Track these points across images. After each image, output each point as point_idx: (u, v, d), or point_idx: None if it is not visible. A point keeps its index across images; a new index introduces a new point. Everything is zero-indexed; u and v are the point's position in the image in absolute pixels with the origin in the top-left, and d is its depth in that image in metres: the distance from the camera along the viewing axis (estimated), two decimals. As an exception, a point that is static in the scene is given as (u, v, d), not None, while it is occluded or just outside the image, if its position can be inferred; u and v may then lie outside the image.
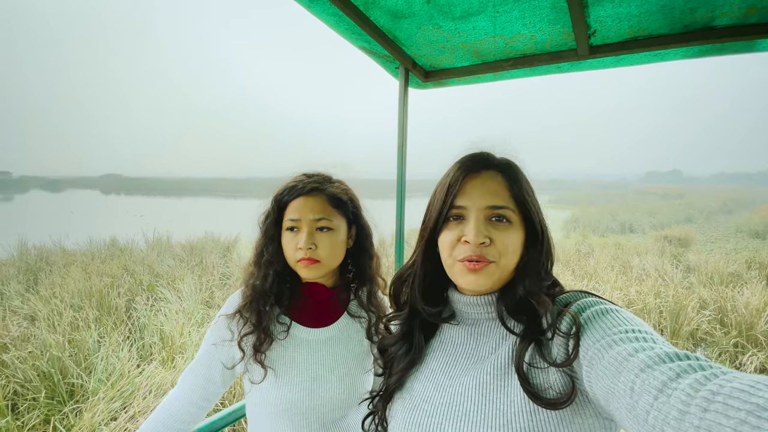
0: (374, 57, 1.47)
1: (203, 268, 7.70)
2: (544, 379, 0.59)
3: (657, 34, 1.20)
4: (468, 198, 0.67)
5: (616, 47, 1.27)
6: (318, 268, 0.93)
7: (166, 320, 4.66)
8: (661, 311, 5.48)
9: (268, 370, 0.91)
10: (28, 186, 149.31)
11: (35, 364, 3.56)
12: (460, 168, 0.70)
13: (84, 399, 3.37)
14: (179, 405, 0.93)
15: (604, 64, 1.38)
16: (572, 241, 12.09)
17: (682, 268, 8.04)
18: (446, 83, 1.67)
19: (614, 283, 6.64)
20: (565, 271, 7.71)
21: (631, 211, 23.64)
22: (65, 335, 4.16)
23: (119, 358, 3.77)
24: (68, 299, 5.40)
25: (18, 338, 4.16)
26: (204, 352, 0.96)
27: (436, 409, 0.66)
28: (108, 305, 5.32)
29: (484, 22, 1.19)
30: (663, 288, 6.17)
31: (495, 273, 0.66)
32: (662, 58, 1.32)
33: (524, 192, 0.68)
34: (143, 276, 6.65)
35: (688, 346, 5.06)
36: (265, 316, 0.93)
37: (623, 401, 0.45)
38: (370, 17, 1.19)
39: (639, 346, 0.48)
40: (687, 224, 17.93)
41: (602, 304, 0.59)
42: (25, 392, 3.40)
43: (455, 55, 1.45)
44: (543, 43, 1.30)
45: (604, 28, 1.19)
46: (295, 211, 0.93)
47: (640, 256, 9.38)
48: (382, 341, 0.84)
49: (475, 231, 0.65)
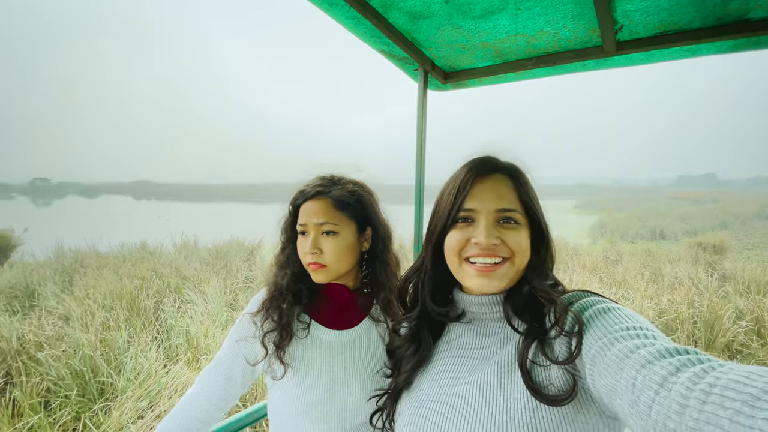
0: (393, 59, 1.47)
1: (228, 271, 7.87)
2: (546, 376, 0.60)
3: (688, 27, 1.15)
4: (477, 200, 0.69)
5: (644, 43, 1.21)
6: (325, 272, 0.93)
7: (191, 322, 4.78)
8: (695, 321, 5.24)
9: (287, 368, 0.92)
10: (65, 192, 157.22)
11: (68, 362, 3.71)
12: (469, 171, 0.71)
13: (113, 397, 3.48)
14: (197, 404, 0.94)
15: (631, 60, 1.32)
16: (599, 248, 11.73)
17: (717, 277, 7.64)
18: (466, 84, 1.65)
19: (644, 292, 6.38)
20: (592, 279, 7.45)
21: (662, 217, 22.83)
22: (97, 335, 4.32)
23: (147, 357, 3.88)
24: (101, 300, 5.62)
25: (52, 337, 4.35)
26: (226, 350, 0.97)
27: (442, 407, 0.68)
28: (137, 306, 5.50)
29: (505, 20, 1.16)
30: (697, 297, 5.90)
31: (509, 272, 0.67)
32: (694, 54, 1.26)
33: (530, 196, 0.71)
34: (171, 278, 6.85)
35: (724, 358, 4.79)
36: (285, 313, 0.94)
37: (626, 397, 0.46)
38: (389, 19, 1.18)
39: (640, 343, 0.49)
40: (722, 230, 17.08)
41: (604, 303, 0.60)
42: (57, 390, 3.54)
43: (475, 55, 1.42)
44: (567, 41, 1.26)
45: (632, 23, 1.14)
46: (302, 215, 0.95)
47: (672, 263, 9.01)
48: (391, 343, 0.87)
49: (486, 233, 0.66)
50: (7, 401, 3.19)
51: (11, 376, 3.79)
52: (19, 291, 6.46)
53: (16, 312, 5.18)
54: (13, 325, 4.48)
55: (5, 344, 4.10)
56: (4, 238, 9.55)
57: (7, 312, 5.16)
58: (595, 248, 11.85)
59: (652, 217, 22.57)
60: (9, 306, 5.51)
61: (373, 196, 1.03)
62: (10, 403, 3.19)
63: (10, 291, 6.42)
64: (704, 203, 39.59)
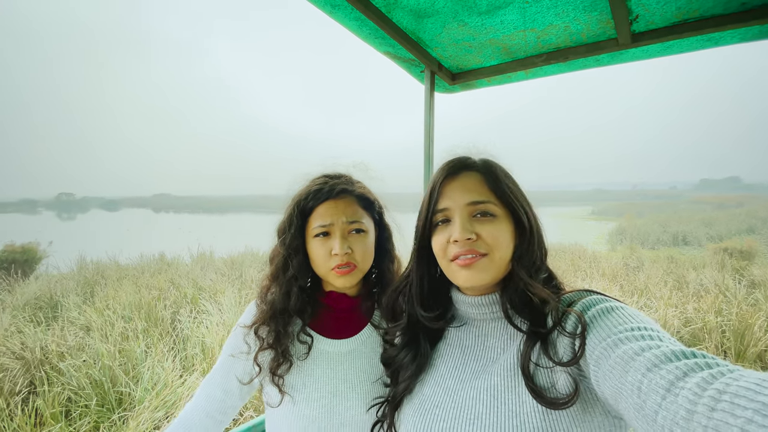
0: (399, 62, 1.45)
1: (242, 281, 7.94)
2: (550, 378, 0.59)
3: (709, 15, 1.09)
4: (449, 199, 0.70)
5: (662, 33, 1.15)
6: (355, 274, 0.88)
7: (207, 332, 4.80)
8: (724, 331, 4.99)
9: (285, 396, 0.87)
10: (89, 206, 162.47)
11: (88, 372, 3.75)
12: (440, 173, 0.73)
13: (131, 407, 3.50)
14: (197, 420, 0.90)
15: (648, 53, 1.27)
16: (619, 255, 11.41)
17: (746, 283, 7.30)
18: (474, 85, 1.62)
19: (668, 300, 6.13)
20: (612, 286, 7.22)
21: (684, 222, 22.14)
22: (116, 345, 4.38)
23: (164, 368, 3.90)
24: (120, 311, 5.71)
25: (74, 347, 4.43)
26: (222, 363, 0.92)
27: (447, 413, 0.66)
28: (155, 317, 5.57)
29: (512, 16, 1.13)
30: (725, 305, 5.63)
31: (489, 266, 0.66)
32: (716, 43, 1.19)
33: (504, 185, 0.70)
34: (187, 289, 6.93)
35: (756, 369, 4.54)
36: (285, 337, 0.87)
37: (631, 401, 0.45)
38: (393, 19, 1.16)
39: (645, 345, 0.47)
40: (749, 235, 16.41)
41: (607, 302, 0.59)
42: (78, 399, 3.58)
43: (483, 54, 1.39)
44: (579, 34, 1.22)
45: (648, 13, 1.09)
46: (324, 215, 0.88)
47: (696, 270, 8.65)
48: (385, 353, 0.85)
49: (460, 228, 0.66)
50: (30, 410, 3.24)
51: (34, 385, 3.87)
52: (43, 302, 6.63)
53: (40, 323, 5.30)
54: (37, 335, 4.58)
55: (29, 354, 4.19)
56: (30, 251, 9.86)
57: (32, 323, 5.29)
58: (614, 255, 11.53)
59: (673, 223, 21.93)
60: (34, 317, 5.65)
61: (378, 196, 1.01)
62: (33, 412, 3.24)
63: (35, 302, 6.60)
64: (729, 207, 38.27)
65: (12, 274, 7.89)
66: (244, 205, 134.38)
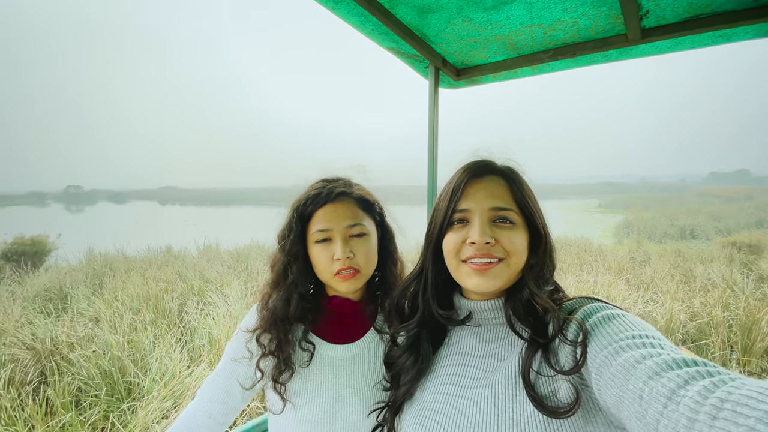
0: (402, 57, 1.43)
1: (248, 274, 8.00)
2: (551, 387, 0.59)
3: (722, 10, 1.06)
4: (472, 201, 0.70)
5: (672, 29, 1.13)
6: (359, 278, 0.87)
7: (214, 324, 4.85)
8: (731, 325, 4.96)
9: (287, 403, 0.87)
10: (96, 198, 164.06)
11: (98, 362, 3.82)
12: (464, 173, 0.72)
13: (140, 397, 3.57)
14: (199, 420, 0.90)
15: (658, 49, 1.24)
16: (625, 248, 11.33)
17: (754, 278, 7.23)
18: (480, 81, 1.59)
19: (675, 294, 6.09)
20: (618, 280, 7.17)
21: (692, 216, 21.87)
22: (125, 336, 4.44)
23: (171, 359, 3.96)
24: (128, 302, 5.78)
25: (83, 338, 4.50)
26: (224, 366, 0.93)
27: (447, 420, 0.65)
28: (162, 308, 5.64)
29: (518, 11, 1.11)
30: (732, 300, 5.59)
31: (504, 272, 0.66)
32: (728, 39, 1.16)
33: (525, 195, 0.71)
34: (194, 281, 7.00)
35: (762, 364, 4.51)
36: (287, 344, 0.87)
37: (632, 409, 0.45)
38: (396, 14, 1.15)
39: (647, 353, 0.47)
40: (758, 229, 16.20)
41: (608, 309, 0.59)
42: (87, 389, 3.65)
43: (488, 50, 1.37)
44: (587, 30, 1.20)
45: (659, 8, 1.06)
46: (323, 220, 0.87)
47: (704, 264, 8.58)
48: (388, 354, 0.84)
49: (480, 231, 0.66)
50: (41, 400, 3.31)
51: (45, 375, 3.94)
52: (53, 293, 6.73)
53: (50, 314, 5.39)
54: (47, 326, 4.66)
55: (40, 345, 4.27)
56: (40, 243, 9.99)
57: (42, 314, 5.38)
58: (620, 248, 11.44)
59: (681, 216, 21.66)
60: (44, 308, 5.75)
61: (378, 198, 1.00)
62: (44, 401, 3.31)
63: (45, 294, 6.71)
64: (738, 201, 37.75)
65: (22, 266, 8.03)
66: (249, 197, 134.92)
